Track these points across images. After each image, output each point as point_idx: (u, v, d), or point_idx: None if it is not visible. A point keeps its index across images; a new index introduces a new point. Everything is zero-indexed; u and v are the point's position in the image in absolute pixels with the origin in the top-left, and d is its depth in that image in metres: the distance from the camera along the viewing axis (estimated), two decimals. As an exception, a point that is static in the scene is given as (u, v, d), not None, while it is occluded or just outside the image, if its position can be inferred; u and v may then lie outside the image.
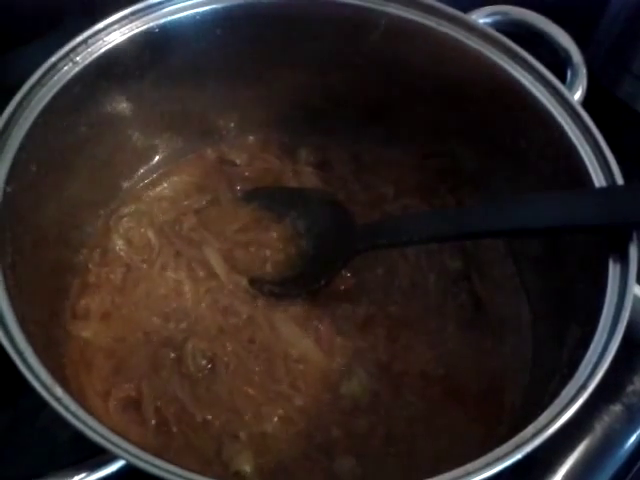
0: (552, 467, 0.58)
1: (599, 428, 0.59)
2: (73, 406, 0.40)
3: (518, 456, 0.39)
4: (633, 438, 0.60)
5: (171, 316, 0.59)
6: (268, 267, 0.62)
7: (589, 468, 0.58)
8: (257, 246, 0.64)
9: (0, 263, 0.45)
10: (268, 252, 0.63)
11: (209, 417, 0.54)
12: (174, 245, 0.63)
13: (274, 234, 0.64)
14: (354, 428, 0.54)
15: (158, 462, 0.38)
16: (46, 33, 0.68)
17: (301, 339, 0.58)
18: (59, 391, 0.40)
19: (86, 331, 0.58)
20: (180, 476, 0.37)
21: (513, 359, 0.58)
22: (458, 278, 0.62)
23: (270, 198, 0.66)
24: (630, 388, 0.62)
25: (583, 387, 0.42)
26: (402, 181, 0.68)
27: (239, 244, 0.64)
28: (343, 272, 0.61)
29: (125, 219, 0.64)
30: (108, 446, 0.38)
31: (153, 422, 0.54)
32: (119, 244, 0.63)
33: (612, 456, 0.59)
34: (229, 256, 0.63)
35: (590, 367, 0.43)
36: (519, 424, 0.42)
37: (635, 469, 0.60)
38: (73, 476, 0.39)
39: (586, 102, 0.56)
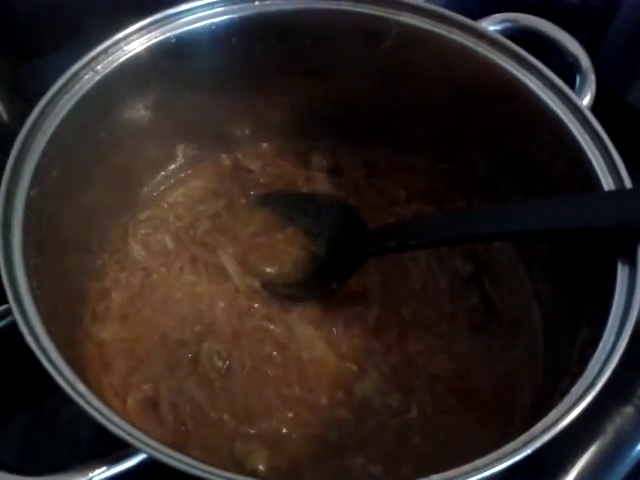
0: (563, 468, 0.58)
1: (610, 430, 0.59)
2: (95, 402, 0.41)
3: (527, 451, 0.39)
4: (644, 439, 0.60)
5: (187, 318, 0.60)
6: (281, 270, 0.63)
7: (600, 469, 0.58)
8: (270, 250, 0.64)
9: (25, 265, 0.46)
10: (281, 255, 0.64)
11: (224, 417, 0.55)
12: (189, 250, 0.64)
13: (287, 238, 0.65)
14: (367, 428, 0.55)
15: (179, 456, 0.38)
16: (68, 43, 0.69)
17: (314, 341, 0.59)
18: (81, 387, 0.41)
19: (105, 333, 0.59)
20: (200, 469, 0.38)
21: (524, 361, 0.58)
22: (469, 281, 0.63)
23: (283, 203, 0.67)
24: (641, 390, 0.62)
25: (592, 385, 0.42)
26: (413, 186, 0.68)
27: (253, 248, 0.64)
28: (355, 275, 0.61)
29: (142, 225, 0.65)
30: (130, 440, 0.39)
31: (170, 421, 0.54)
32: (137, 249, 0.64)
33: (623, 458, 0.59)
34: (243, 259, 0.63)
35: (599, 366, 0.43)
36: (531, 425, 0.42)
37: (646, 470, 0.60)
38: (95, 469, 0.40)
39: (595, 107, 0.57)
